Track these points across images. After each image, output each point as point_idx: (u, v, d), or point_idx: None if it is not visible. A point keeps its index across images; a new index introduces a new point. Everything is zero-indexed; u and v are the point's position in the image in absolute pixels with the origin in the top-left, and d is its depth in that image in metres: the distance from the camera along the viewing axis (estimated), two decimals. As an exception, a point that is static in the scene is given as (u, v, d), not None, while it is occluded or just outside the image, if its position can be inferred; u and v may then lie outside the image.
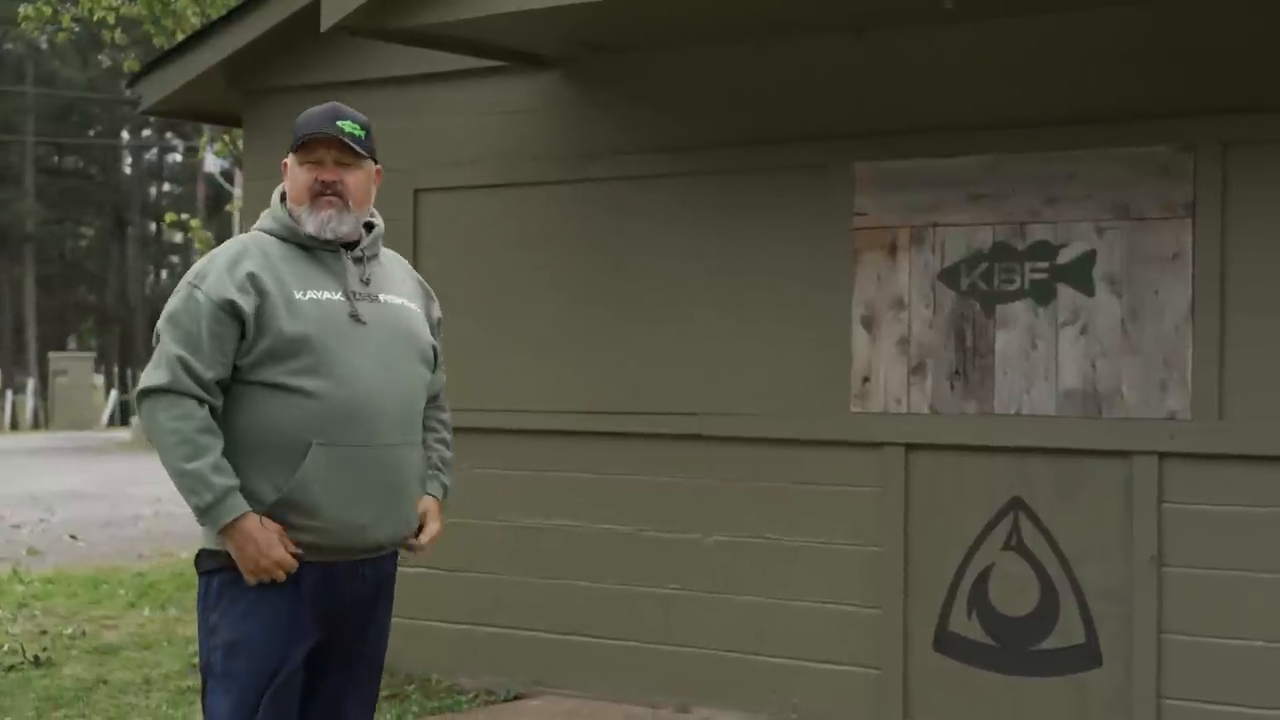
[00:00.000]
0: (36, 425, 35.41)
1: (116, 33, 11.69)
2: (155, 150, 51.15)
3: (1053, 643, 5.68)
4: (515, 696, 6.64)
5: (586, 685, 6.55)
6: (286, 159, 3.82)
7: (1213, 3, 5.43)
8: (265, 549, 3.58)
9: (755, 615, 6.21)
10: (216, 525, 3.59)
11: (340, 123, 3.77)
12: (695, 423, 6.33)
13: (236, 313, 3.62)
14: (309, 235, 3.76)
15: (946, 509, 5.86)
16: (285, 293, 3.67)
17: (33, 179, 45.93)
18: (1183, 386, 5.46)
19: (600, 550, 6.54)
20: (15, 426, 34.97)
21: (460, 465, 4.43)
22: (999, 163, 5.75)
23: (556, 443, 6.66)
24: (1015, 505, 5.75)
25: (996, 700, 5.76)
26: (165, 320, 3.70)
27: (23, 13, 12.43)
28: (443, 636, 6.84)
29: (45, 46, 42.65)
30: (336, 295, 3.73)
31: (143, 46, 14.41)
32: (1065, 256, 5.65)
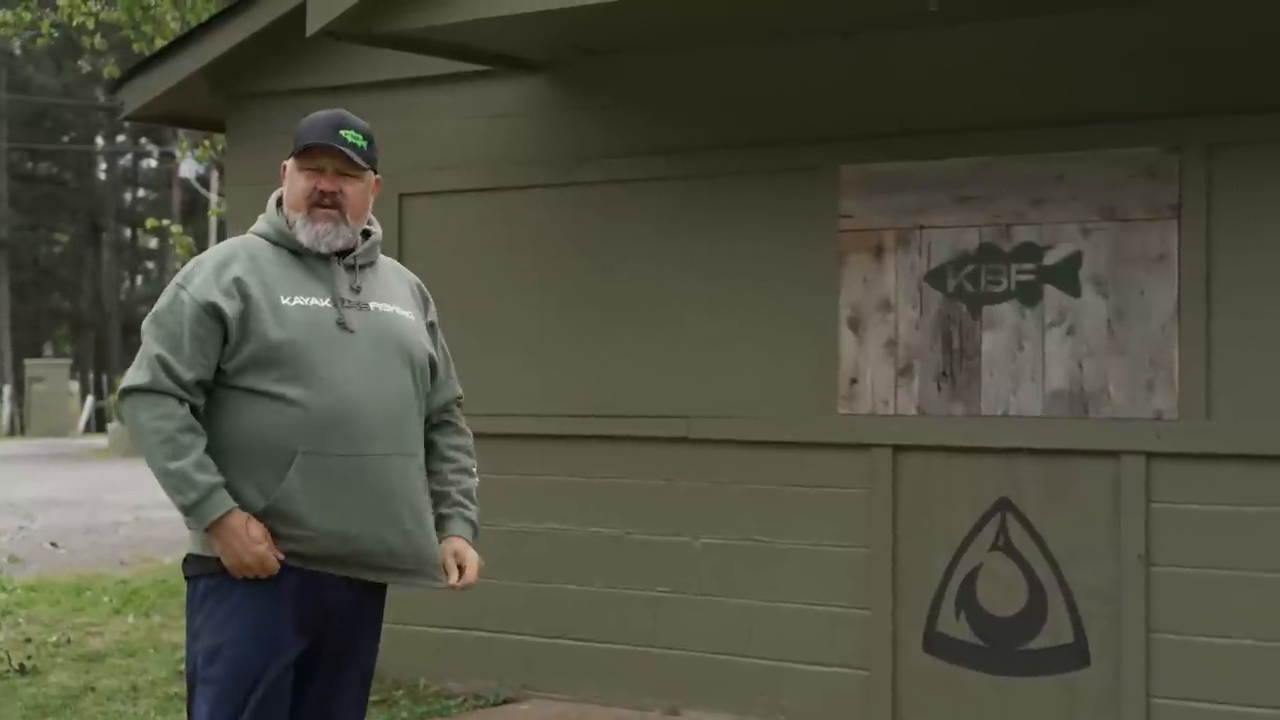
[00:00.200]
0: (13, 432, 35.20)
1: (96, 38, 11.64)
2: (130, 156, 50.92)
3: (1041, 642, 5.70)
4: (504, 700, 6.64)
5: (575, 688, 6.55)
6: (286, 162, 3.79)
7: (1198, 6, 5.46)
8: (249, 544, 3.55)
9: (744, 617, 6.22)
10: (202, 522, 3.57)
11: (344, 132, 3.73)
12: (683, 425, 6.34)
13: (219, 316, 3.61)
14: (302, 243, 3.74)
15: (934, 510, 5.88)
16: (271, 298, 3.64)
17: (6, 185, 45.66)
18: (1169, 386, 5.49)
19: (589, 553, 6.55)
20: (-9, 434, 34.85)
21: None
22: (986, 165, 5.78)
23: (545, 446, 6.66)
24: (1003, 506, 5.77)
25: (985, 700, 5.79)
26: (149, 320, 3.69)
27: (1, 18, 12.37)
28: (430, 641, 6.83)
29: (19, 52, 42.44)
30: (324, 302, 3.70)
31: (121, 51, 14.37)
32: (1052, 258, 5.68)
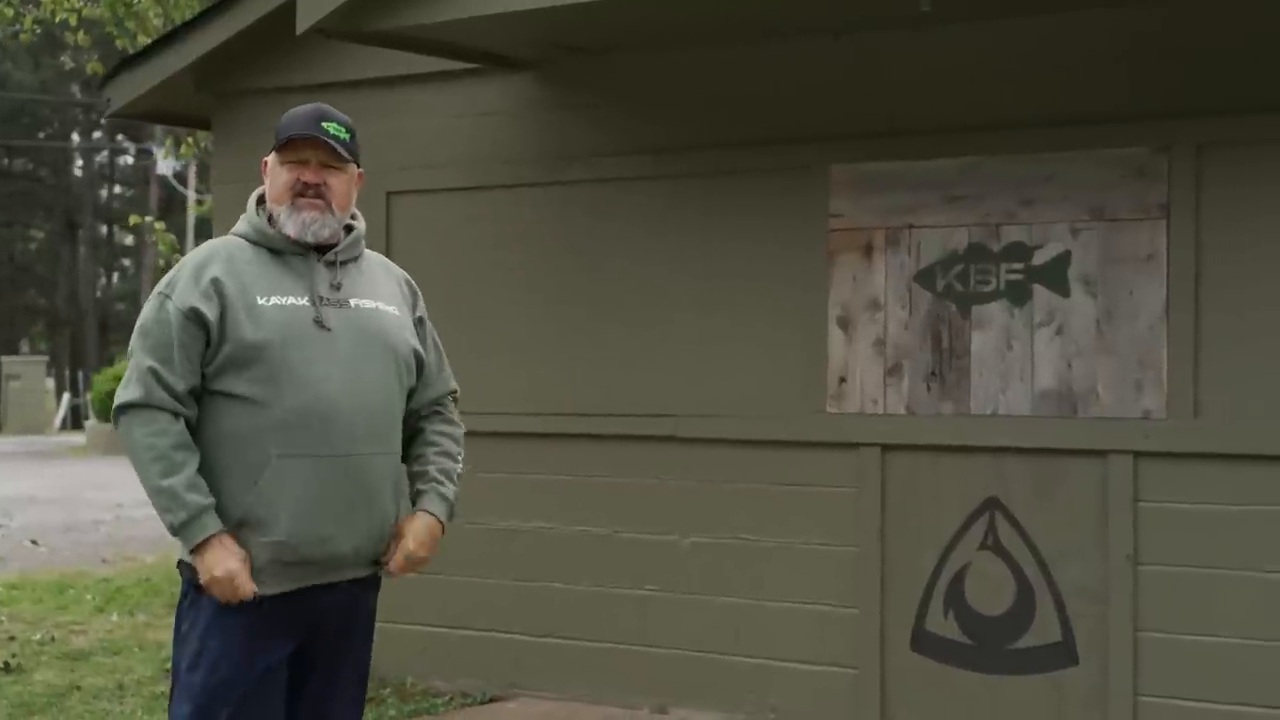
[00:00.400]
0: (-11, 430, 35.06)
1: (79, 34, 11.60)
2: (106, 153, 50.70)
3: (1029, 641, 5.72)
4: (491, 699, 6.64)
5: (563, 687, 6.55)
6: (267, 158, 3.76)
7: (1188, 6, 5.48)
8: (230, 574, 3.52)
9: (732, 616, 6.23)
10: (188, 544, 3.55)
11: (326, 124, 3.71)
12: (671, 424, 6.34)
13: (201, 320, 3.58)
14: (285, 238, 3.70)
15: (923, 509, 5.89)
16: (247, 299, 3.61)
17: (-18, 181, 45.54)
18: (1158, 386, 5.51)
19: (577, 552, 6.55)
20: (-33, 432, 34.64)
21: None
22: (976, 165, 5.79)
23: (532, 445, 6.66)
24: (991, 505, 5.79)
25: (974, 699, 5.80)
26: (137, 332, 3.65)
27: (-16, 15, 12.31)
28: (418, 639, 6.82)
29: (-3, 48, 42.23)
30: (302, 300, 3.66)
31: (104, 48, 14.31)
32: (1041, 258, 5.70)
